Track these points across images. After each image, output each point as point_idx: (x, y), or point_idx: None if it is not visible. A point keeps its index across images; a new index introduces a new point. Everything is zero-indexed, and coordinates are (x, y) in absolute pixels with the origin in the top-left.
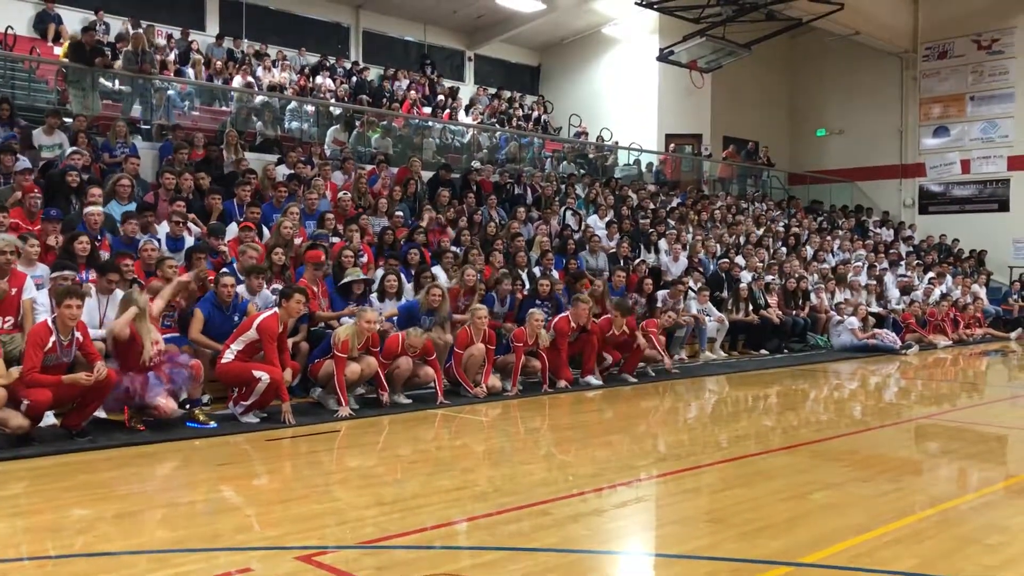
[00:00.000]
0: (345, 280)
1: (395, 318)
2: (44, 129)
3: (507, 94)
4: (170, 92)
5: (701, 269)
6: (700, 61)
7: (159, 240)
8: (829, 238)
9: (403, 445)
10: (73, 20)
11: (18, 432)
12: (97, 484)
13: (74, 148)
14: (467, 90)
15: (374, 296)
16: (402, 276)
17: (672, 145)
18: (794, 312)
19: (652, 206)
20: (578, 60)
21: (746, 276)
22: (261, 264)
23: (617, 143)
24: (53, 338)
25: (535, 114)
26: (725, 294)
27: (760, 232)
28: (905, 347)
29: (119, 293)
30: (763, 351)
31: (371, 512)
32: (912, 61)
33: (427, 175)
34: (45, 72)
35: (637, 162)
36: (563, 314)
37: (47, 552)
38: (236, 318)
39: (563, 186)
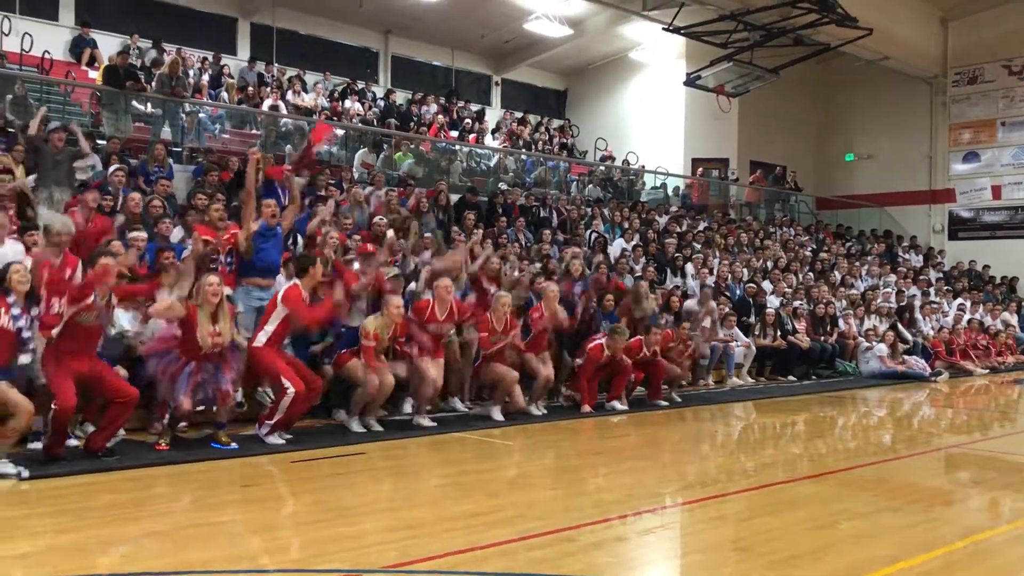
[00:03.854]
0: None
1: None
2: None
3: (533, 118)
4: (201, 115)
5: (727, 294)
6: (727, 86)
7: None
8: (857, 264)
9: (428, 469)
10: (109, 44)
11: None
12: (123, 504)
13: (117, 165)
14: (494, 114)
15: None
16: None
17: (699, 169)
18: (822, 338)
19: (678, 230)
20: (605, 84)
21: (773, 301)
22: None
23: (643, 167)
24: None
25: (559, 139)
26: (752, 319)
27: (788, 257)
28: (935, 374)
29: (164, 294)
30: (791, 377)
31: (395, 536)
32: (942, 86)
33: (453, 198)
34: (80, 95)
35: (663, 186)
36: (597, 340)
37: (73, 572)
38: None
39: (589, 209)
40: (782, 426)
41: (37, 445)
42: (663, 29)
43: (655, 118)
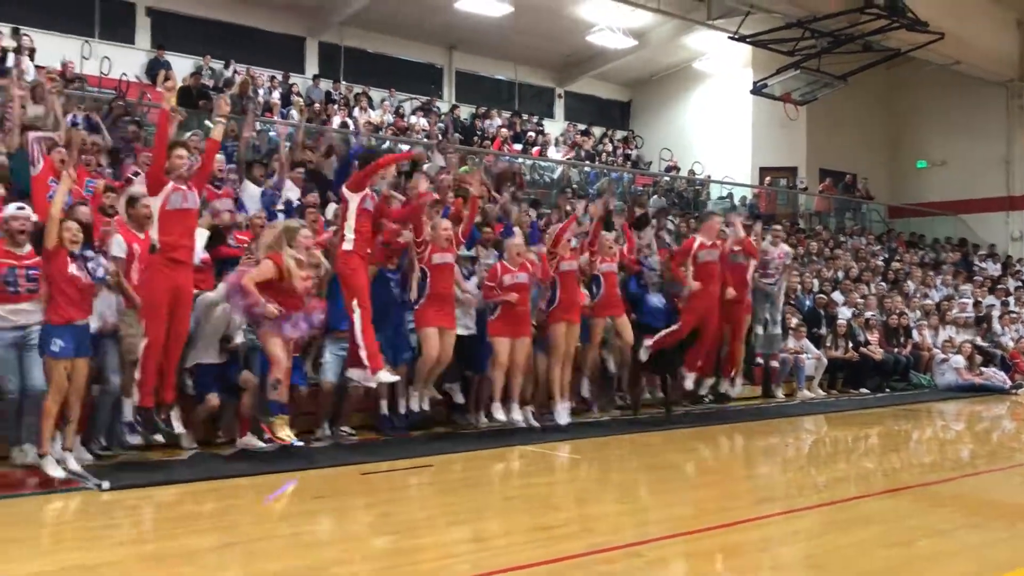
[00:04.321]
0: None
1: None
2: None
3: (597, 130)
4: (271, 133)
5: (796, 305)
6: (794, 93)
7: None
8: (932, 273)
9: (495, 481)
10: (183, 65)
11: None
12: (199, 515)
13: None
14: (557, 126)
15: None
16: None
17: (767, 178)
18: (895, 350)
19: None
20: (669, 95)
21: (845, 312)
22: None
23: (709, 177)
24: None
25: (623, 150)
26: (823, 331)
27: (859, 267)
28: (1015, 386)
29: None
30: (863, 390)
31: (464, 548)
32: (1018, 90)
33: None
34: (155, 115)
35: (730, 196)
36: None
37: None
38: None
39: (654, 220)
40: (855, 440)
41: (136, 439)
42: (728, 38)
43: (721, 127)
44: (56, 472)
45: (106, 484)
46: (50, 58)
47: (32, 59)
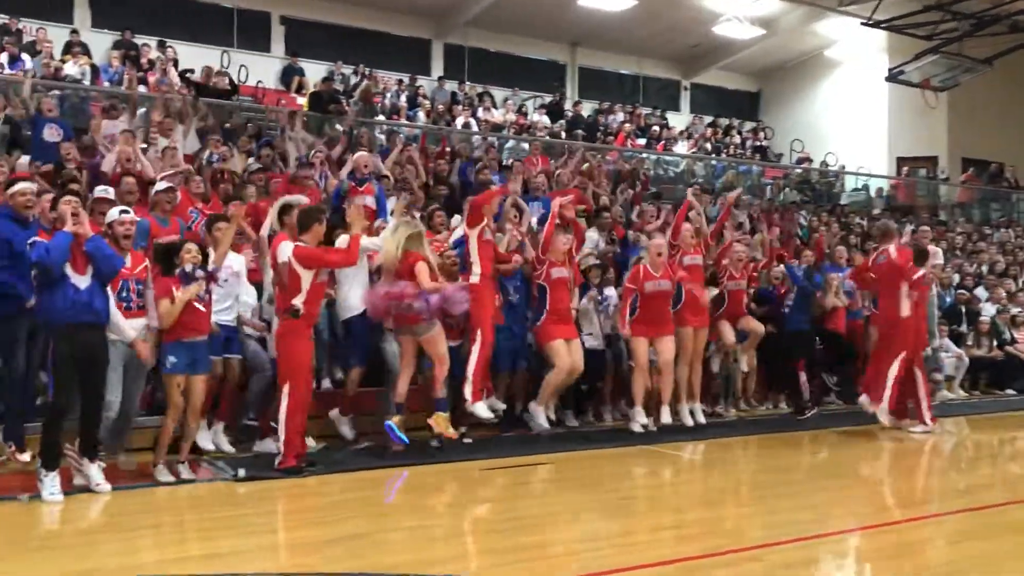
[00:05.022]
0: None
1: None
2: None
3: (724, 122)
4: (401, 134)
5: (936, 302)
6: (934, 79)
7: None
8: None
9: (613, 481)
10: (315, 71)
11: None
12: (325, 507)
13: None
14: (683, 119)
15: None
16: None
17: (904, 169)
18: None
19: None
20: (799, 84)
21: (989, 309)
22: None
23: (843, 168)
24: None
25: (751, 142)
26: (964, 328)
27: (1006, 261)
28: None
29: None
30: (1008, 391)
31: (577, 547)
32: None
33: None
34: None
35: (865, 187)
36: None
37: (280, 570)
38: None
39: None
40: (1000, 443)
41: (269, 446)
42: (861, 24)
43: (855, 116)
44: (166, 477)
45: (242, 473)
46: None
47: (176, 68)
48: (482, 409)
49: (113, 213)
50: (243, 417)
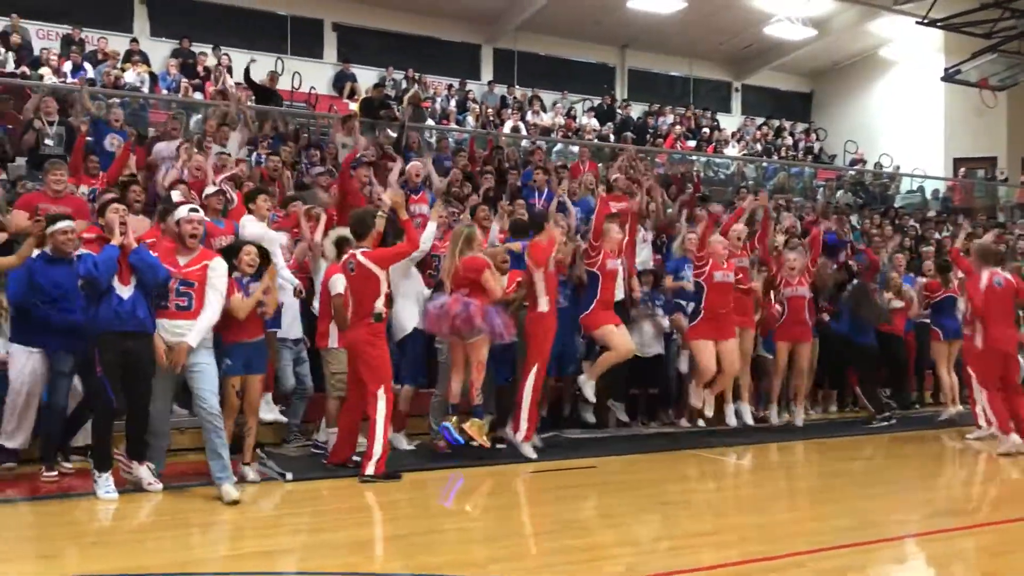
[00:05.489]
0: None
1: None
2: (343, 131)
3: (775, 123)
4: (450, 140)
5: None
6: (992, 78)
7: None
8: None
9: (658, 485)
10: (367, 77)
11: None
12: (371, 507)
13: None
14: (734, 121)
15: None
16: None
17: (961, 170)
18: None
19: (936, 236)
20: (853, 84)
21: None
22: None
23: (898, 169)
24: None
25: (804, 143)
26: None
27: None
28: None
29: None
30: None
31: (621, 551)
32: None
33: None
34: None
35: (921, 189)
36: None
37: (319, 568)
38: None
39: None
40: None
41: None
42: (916, 23)
43: (910, 117)
44: (252, 476)
45: (290, 475)
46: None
47: (231, 75)
48: (528, 450)
49: (182, 211)
50: None
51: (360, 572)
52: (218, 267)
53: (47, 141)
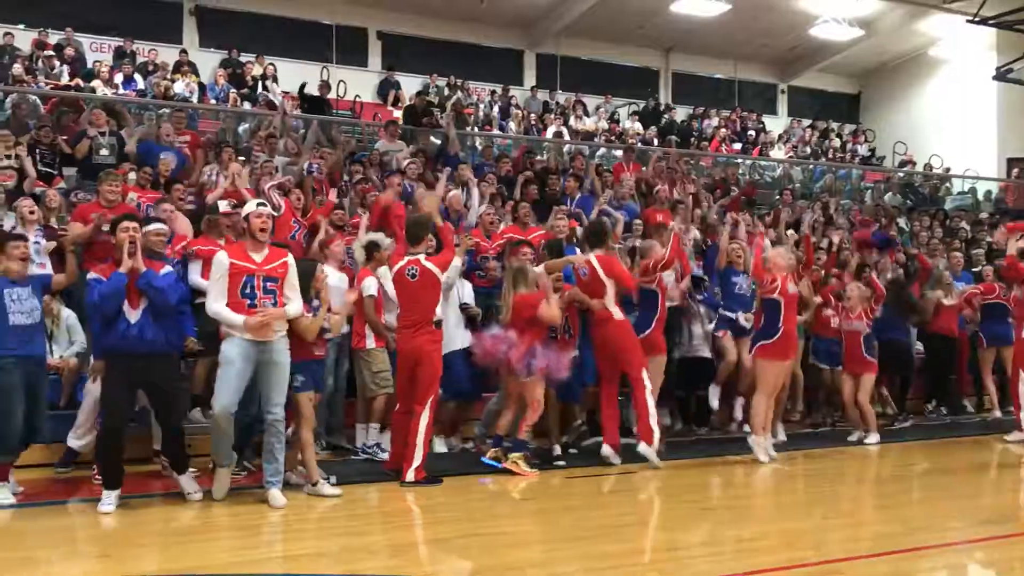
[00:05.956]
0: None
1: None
2: (387, 138)
3: (822, 125)
4: (495, 147)
5: None
6: None
7: None
8: None
9: (699, 491)
10: (411, 84)
11: None
12: (412, 511)
13: (412, 158)
14: (780, 123)
15: None
16: None
17: (1015, 170)
18: None
19: (989, 239)
20: (902, 84)
21: None
22: None
23: (949, 171)
24: None
25: (852, 145)
26: None
27: None
28: None
29: None
30: None
31: (658, 556)
32: None
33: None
34: (383, 131)
35: (972, 190)
36: None
37: (361, 571)
38: None
39: (883, 219)
40: None
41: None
42: (967, 21)
43: (961, 117)
44: (333, 491)
45: (333, 479)
46: (292, 84)
47: (277, 84)
48: (655, 458)
49: (250, 206)
50: None
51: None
52: (295, 266)
53: (101, 151)
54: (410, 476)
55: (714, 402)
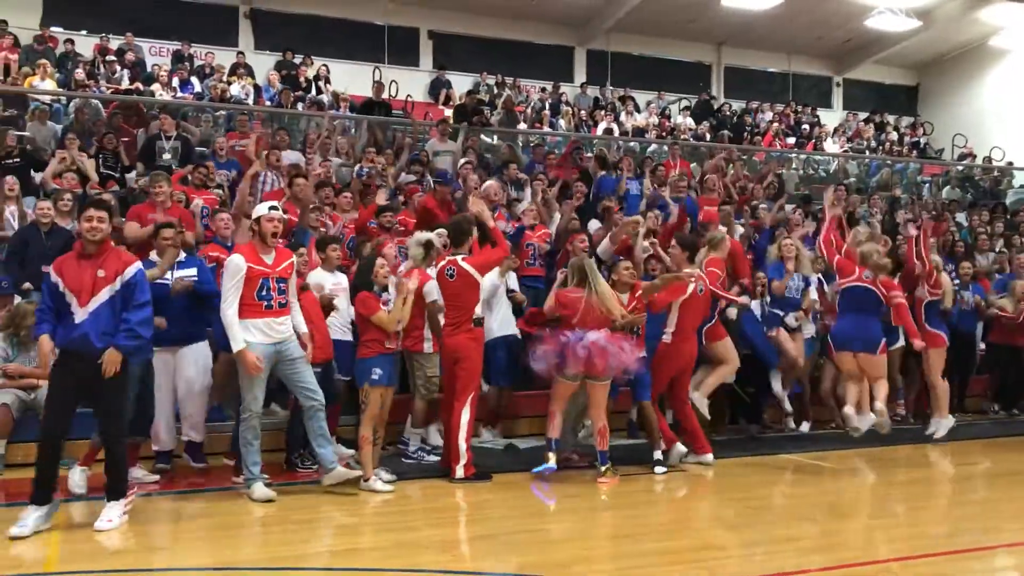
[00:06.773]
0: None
1: None
2: (438, 138)
3: (878, 118)
4: (545, 145)
5: None
6: None
7: None
8: None
9: (745, 489)
10: (462, 83)
11: None
12: (461, 508)
13: (466, 159)
14: (836, 116)
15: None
16: None
17: None
18: None
19: None
20: (962, 76)
21: None
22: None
23: (1011, 164)
24: None
25: (909, 138)
26: None
27: None
28: None
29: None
30: None
31: (704, 555)
32: None
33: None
34: (435, 131)
35: None
36: None
37: (410, 566)
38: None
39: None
40: None
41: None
42: None
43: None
44: (385, 488)
45: (392, 475)
46: (344, 85)
47: (329, 83)
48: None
49: (261, 208)
50: None
51: (449, 570)
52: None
53: (164, 155)
54: (459, 473)
55: (777, 386)
